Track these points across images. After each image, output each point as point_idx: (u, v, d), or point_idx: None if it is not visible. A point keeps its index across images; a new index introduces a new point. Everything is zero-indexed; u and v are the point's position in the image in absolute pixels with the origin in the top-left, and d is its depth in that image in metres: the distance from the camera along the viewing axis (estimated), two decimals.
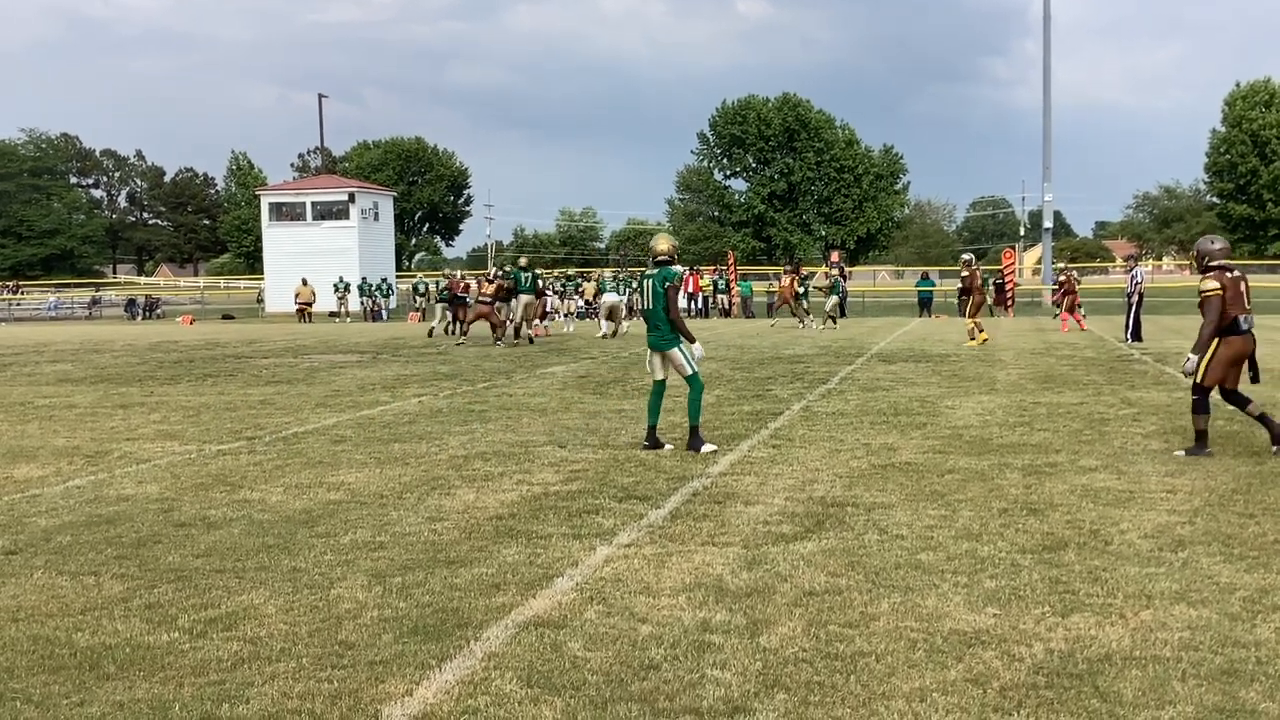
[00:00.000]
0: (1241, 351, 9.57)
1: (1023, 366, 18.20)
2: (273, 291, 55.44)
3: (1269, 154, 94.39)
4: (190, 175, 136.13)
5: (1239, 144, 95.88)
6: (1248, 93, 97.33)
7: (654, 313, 10.10)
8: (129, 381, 17.82)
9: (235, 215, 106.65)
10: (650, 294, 10.10)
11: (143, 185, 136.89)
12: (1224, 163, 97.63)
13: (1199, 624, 5.12)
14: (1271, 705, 4.19)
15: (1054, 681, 4.45)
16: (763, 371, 17.87)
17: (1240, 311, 9.49)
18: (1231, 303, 9.45)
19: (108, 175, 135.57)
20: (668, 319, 10.01)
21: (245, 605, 5.60)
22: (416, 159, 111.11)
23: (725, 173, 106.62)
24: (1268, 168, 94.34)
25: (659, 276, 10.05)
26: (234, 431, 11.80)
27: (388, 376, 18.00)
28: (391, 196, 66.61)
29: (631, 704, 4.28)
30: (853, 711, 4.19)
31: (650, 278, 10.15)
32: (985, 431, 11.00)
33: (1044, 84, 47.47)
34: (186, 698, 4.40)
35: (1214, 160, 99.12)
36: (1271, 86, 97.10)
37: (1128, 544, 6.57)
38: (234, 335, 33.34)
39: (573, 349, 24.30)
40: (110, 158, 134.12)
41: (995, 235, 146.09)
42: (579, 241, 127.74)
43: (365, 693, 4.42)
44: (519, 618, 5.31)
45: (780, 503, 7.80)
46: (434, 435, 11.23)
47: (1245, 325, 9.52)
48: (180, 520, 7.55)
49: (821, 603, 5.50)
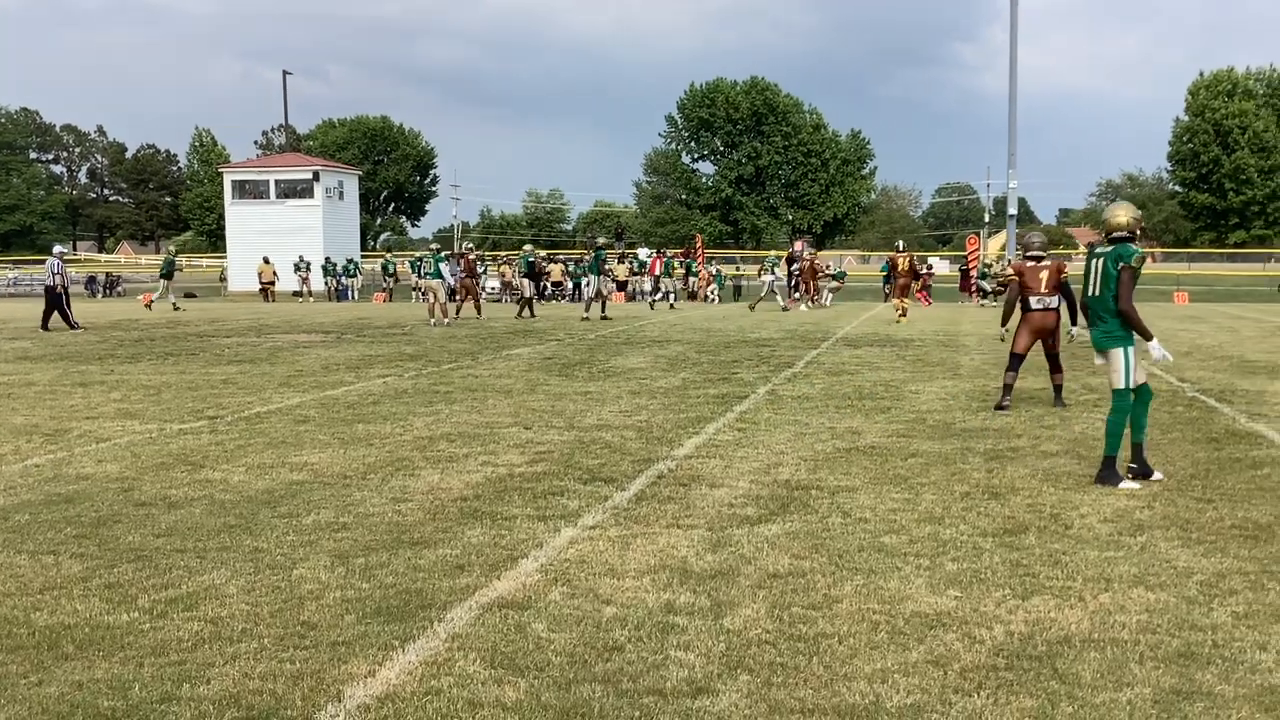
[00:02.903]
0: (1038, 325, 11.69)
1: (986, 352, 18.33)
2: (235, 270, 54.98)
3: (1231, 144, 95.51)
4: (152, 152, 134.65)
5: (1202, 133, 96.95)
6: (1211, 82, 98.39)
7: (1099, 300, 8.05)
8: (89, 359, 17.63)
9: (198, 193, 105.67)
10: (1099, 276, 8.06)
11: (104, 161, 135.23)
12: (1187, 151, 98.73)
13: (1157, 607, 5.18)
14: (1227, 687, 4.25)
15: (1014, 663, 4.49)
16: (728, 355, 17.90)
17: (1034, 294, 11.66)
18: (1026, 287, 11.70)
19: (68, 151, 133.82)
20: (1118, 309, 7.93)
21: (206, 585, 5.56)
22: (382, 138, 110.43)
23: (693, 156, 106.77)
24: (1229, 157, 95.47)
25: (1113, 255, 8.00)
26: (196, 411, 11.70)
27: (352, 357, 17.90)
28: (357, 175, 66.13)
29: (595, 685, 4.28)
30: (815, 692, 4.21)
31: (1101, 256, 8.11)
32: (948, 416, 11.07)
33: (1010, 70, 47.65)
34: (146, 678, 4.37)
35: (1177, 149, 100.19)
36: (1234, 77, 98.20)
37: (1087, 528, 6.63)
38: (196, 314, 33.04)
39: (539, 330, 24.25)
40: (71, 133, 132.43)
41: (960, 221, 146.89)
42: (546, 223, 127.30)
43: (327, 673, 4.40)
44: (483, 599, 5.30)
45: (745, 486, 7.82)
46: (399, 416, 11.18)
47: (1037, 305, 11.67)
48: (141, 500, 7.48)
49: (785, 585, 5.52)
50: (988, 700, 4.14)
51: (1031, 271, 11.77)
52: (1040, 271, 11.74)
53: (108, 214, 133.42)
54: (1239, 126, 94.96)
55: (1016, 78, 47.52)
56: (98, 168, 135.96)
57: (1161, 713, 4.03)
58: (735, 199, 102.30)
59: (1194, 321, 27.22)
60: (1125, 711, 4.04)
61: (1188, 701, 4.12)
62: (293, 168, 58.72)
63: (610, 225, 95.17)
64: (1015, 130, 48.12)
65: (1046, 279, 11.71)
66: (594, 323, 26.96)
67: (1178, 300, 40.90)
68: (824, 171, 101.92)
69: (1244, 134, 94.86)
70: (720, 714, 4.04)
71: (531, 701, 4.14)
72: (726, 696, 4.18)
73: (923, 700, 4.14)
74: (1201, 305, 37.22)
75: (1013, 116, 47.74)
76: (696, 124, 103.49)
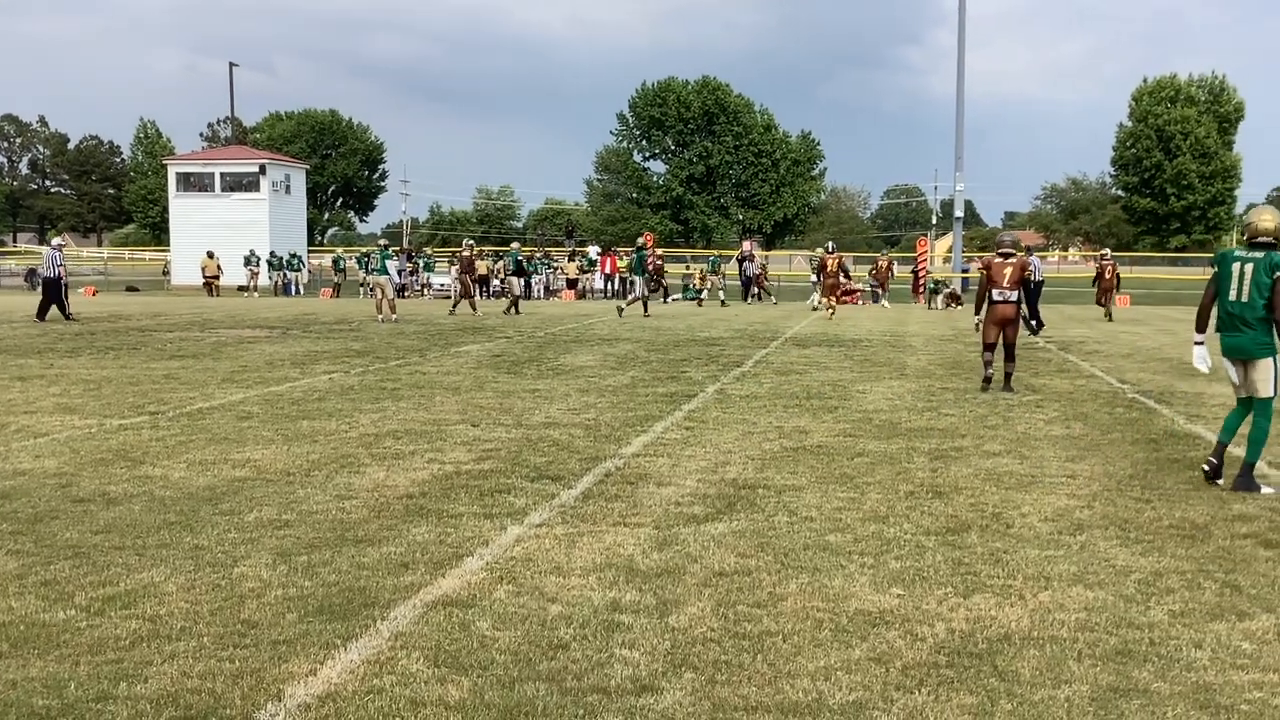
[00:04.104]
0: (999, 315, 13.05)
1: (932, 353, 18.50)
2: (179, 264, 54.21)
3: (1173, 149, 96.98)
4: (95, 143, 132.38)
5: (1144, 138, 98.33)
6: (1154, 88, 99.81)
7: (1246, 307, 7.79)
8: (28, 353, 17.32)
9: (141, 185, 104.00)
10: (1249, 283, 7.78)
11: (45, 152, 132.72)
12: (1130, 156, 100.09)
13: (1095, 605, 5.25)
14: (1163, 685, 4.32)
15: (955, 660, 4.53)
16: (678, 354, 17.93)
17: (998, 288, 12.99)
18: (993, 281, 13.03)
19: (8, 141, 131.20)
20: (1271, 319, 7.72)
21: (145, 583, 5.48)
22: (330, 131, 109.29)
23: (644, 154, 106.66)
24: (1171, 162, 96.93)
25: (1265, 263, 7.73)
26: (136, 406, 11.53)
27: (298, 353, 17.72)
28: (304, 169, 65.39)
29: (539, 683, 4.27)
30: (759, 690, 4.23)
31: (1251, 261, 7.82)
32: (894, 416, 11.16)
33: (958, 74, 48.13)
34: (83, 676, 4.30)
35: (1120, 154, 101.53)
36: (1177, 83, 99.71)
37: (1028, 527, 6.72)
38: (138, 308, 32.58)
39: (488, 328, 24.15)
40: (11, 123, 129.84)
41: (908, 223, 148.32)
42: (496, 220, 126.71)
43: (268, 672, 4.35)
44: (427, 597, 5.27)
45: (692, 484, 7.84)
46: (344, 413, 11.09)
47: (999, 297, 13.01)
48: (79, 496, 7.36)
49: (731, 583, 5.54)
50: (929, 697, 4.17)
51: (998, 267, 13.04)
52: (1006, 268, 13.00)
53: (49, 205, 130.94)
54: (1181, 132, 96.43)
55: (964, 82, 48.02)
56: (39, 158, 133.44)
57: (1099, 710, 4.09)
58: (686, 198, 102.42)
59: (1135, 324, 27.66)
60: (1063, 708, 4.09)
61: (1124, 699, 4.18)
62: (238, 161, 57.92)
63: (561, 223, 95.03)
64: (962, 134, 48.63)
65: (1010, 275, 12.98)
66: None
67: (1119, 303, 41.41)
68: (774, 172, 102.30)
69: (1185, 140, 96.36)
70: (664, 712, 4.05)
71: (475, 700, 4.12)
72: (671, 694, 4.18)
73: (865, 697, 4.17)
74: (1143, 308, 37.76)
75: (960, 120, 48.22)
76: (648, 123, 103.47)
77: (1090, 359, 17.46)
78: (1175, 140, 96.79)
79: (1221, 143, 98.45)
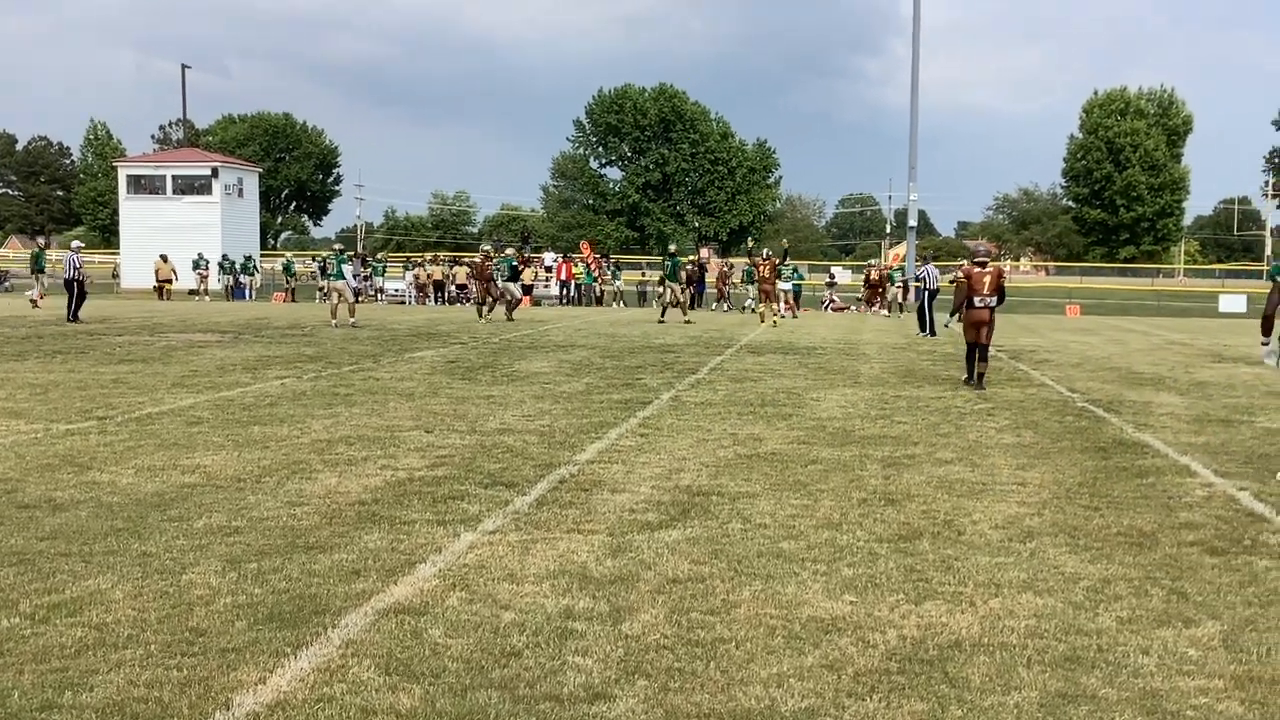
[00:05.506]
0: (976, 318, 14.24)
1: (885, 361, 18.63)
2: (129, 267, 53.54)
3: (1123, 161, 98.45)
4: (44, 144, 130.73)
5: (1095, 150, 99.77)
6: (1104, 101, 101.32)
7: None
8: None
9: (91, 187, 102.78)
10: None
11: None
12: (1080, 168, 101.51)
13: (1045, 612, 5.31)
14: (1111, 691, 4.37)
15: (906, 667, 4.56)
16: (633, 360, 17.93)
17: (977, 294, 14.21)
18: (973, 288, 14.26)
19: None
20: None
21: (91, 590, 5.40)
22: (284, 135, 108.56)
23: (601, 161, 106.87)
24: (1121, 174, 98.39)
25: None
26: (84, 411, 11.37)
27: (249, 357, 17.55)
28: (257, 173, 64.79)
29: (491, 691, 4.25)
30: (711, 697, 4.23)
31: None
32: (848, 424, 11.23)
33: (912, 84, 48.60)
34: (27, 685, 4.23)
35: (1071, 165, 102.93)
36: (1127, 95, 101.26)
37: (979, 534, 6.77)
38: (87, 311, 32.13)
39: (443, 334, 24.04)
40: None
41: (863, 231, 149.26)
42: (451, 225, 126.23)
43: (216, 681, 4.30)
44: (379, 604, 5.23)
45: (647, 491, 7.84)
46: (296, 418, 10.99)
47: (978, 303, 14.22)
48: (24, 502, 7.24)
49: (684, 590, 5.54)
50: (880, 704, 4.20)
51: (978, 276, 14.36)
52: (984, 276, 14.35)
53: None
54: (1131, 144, 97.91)
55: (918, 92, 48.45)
56: None
57: (1047, 716, 4.13)
58: (642, 205, 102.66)
59: (1085, 334, 27.99)
60: (1013, 714, 4.13)
61: (1073, 705, 4.23)
62: (190, 163, 57.33)
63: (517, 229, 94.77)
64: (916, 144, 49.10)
65: (989, 282, 14.30)
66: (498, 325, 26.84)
67: (1069, 313, 41.98)
68: (730, 179, 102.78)
69: (1135, 152, 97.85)
70: (617, 719, 4.04)
71: (426, 708, 4.10)
72: (623, 702, 4.18)
73: (817, 704, 4.19)
74: (1092, 318, 38.26)
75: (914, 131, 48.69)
76: (604, 129, 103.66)
77: (1041, 368, 17.65)
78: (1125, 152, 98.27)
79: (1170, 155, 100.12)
